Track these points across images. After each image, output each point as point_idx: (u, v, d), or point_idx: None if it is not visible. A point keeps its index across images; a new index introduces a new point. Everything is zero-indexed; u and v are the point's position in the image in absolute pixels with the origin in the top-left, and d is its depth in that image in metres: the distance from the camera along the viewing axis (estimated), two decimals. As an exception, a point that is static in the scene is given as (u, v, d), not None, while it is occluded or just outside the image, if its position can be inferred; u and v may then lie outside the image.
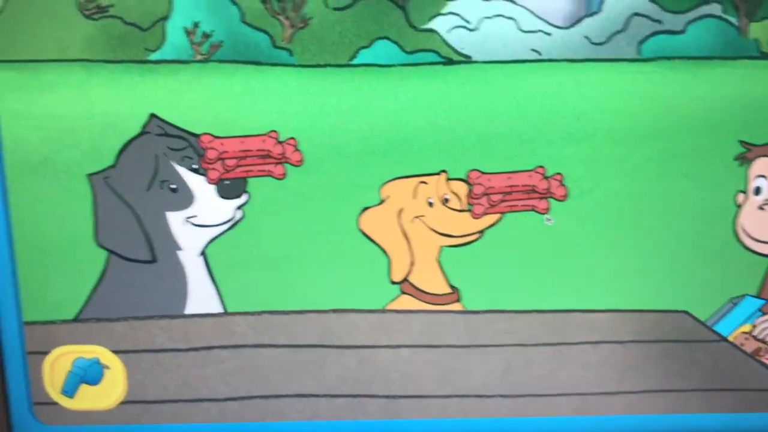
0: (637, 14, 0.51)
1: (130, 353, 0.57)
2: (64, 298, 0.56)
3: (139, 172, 0.53)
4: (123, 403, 0.58)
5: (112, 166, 0.53)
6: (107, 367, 0.57)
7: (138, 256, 0.55)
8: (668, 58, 0.52)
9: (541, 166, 0.54)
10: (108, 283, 0.55)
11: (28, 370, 0.57)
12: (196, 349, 0.57)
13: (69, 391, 0.57)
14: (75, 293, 0.55)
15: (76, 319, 0.56)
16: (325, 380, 0.57)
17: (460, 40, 0.52)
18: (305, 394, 0.58)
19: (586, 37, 0.52)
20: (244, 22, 0.51)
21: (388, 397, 0.58)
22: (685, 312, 0.57)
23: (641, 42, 0.52)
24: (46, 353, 0.57)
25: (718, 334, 0.57)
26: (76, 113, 0.52)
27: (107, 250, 0.55)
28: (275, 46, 0.52)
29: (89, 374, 0.57)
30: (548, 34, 0.52)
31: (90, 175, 0.53)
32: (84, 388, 0.57)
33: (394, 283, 0.56)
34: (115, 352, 0.57)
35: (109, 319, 0.56)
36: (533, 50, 0.52)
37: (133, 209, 0.54)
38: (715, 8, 0.51)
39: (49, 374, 0.57)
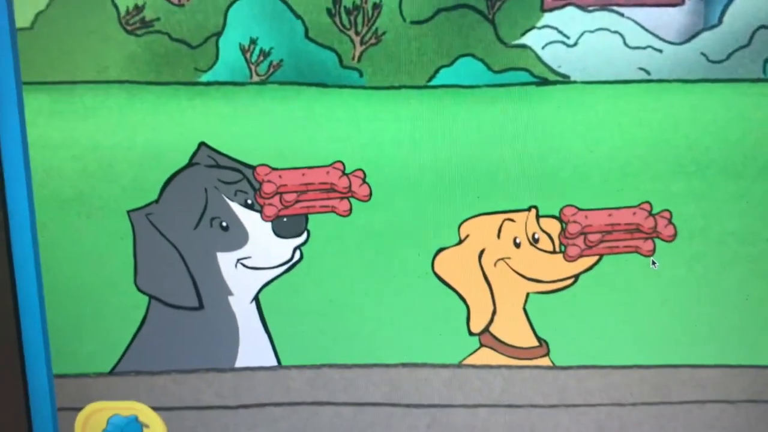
0: (763, 27, 0.44)
1: (173, 410, 0.50)
2: (99, 348, 0.49)
3: (186, 208, 0.47)
4: (163, 464, 0.51)
5: (156, 202, 0.47)
6: (146, 426, 0.50)
7: (183, 302, 0.48)
8: (800, 79, 0.45)
9: (646, 202, 0.47)
10: (149, 333, 0.49)
11: (58, 428, 0.50)
12: (246, 407, 0.50)
13: (104, 451, 0.51)
14: (111, 343, 0.49)
15: (112, 372, 0.50)
16: (391, 442, 0.51)
17: (556, 58, 0.45)
18: (369, 458, 0.51)
19: (703, 54, 0.45)
20: (309, 39, 0.45)
21: (462, 461, 0.51)
22: (807, 368, 0.49)
23: None
24: (78, 410, 0.50)
25: None
26: (115, 142, 0.46)
27: (148, 295, 0.48)
28: (343, 66, 0.45)
29: (126, 433, 0.50)
30: (659, 50, 0.45)
31: (130, 212, 0.47)
32: (120, 449, 0.51)
33: (472, 334, 0.49)
34: (156, 409, 0.50)
35: (149, 373, 0.50)
36: (641, 69, 0.45)
37: (179, 250, 0.47)
38: None
39: (82, 433, 0.51)
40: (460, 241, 0.47)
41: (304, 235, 0.47)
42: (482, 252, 0.48)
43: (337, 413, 0.50)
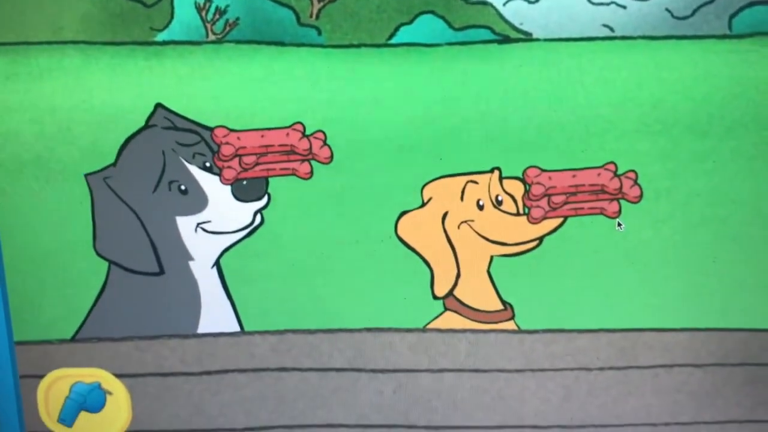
0: (729, -18, 0.43)
1: (136, 377, 0.50)
2: (60, 315, 0.49)
3: (144, 171, 0.46)
4: (128, 432, 0.51)
5: (113, 165, 0.46)
6: (110, 393, 0.50)
7: (143, 267, 0.48)
8: (766, 34, 0.44)
9: (611, 163, 0.46)
10: (110, 298, 0.48)
11: (20, 396, 0.50)
12: (210, 373, 0.50)
13: (67, 419, 0.50)
14: (73, 310, 0.49)
15: (74, 339, 0.49)
16: (357, 408, 0.50)
17: (518, 14, 0.44)
18: (334, 424, 0.50)
19: (668, 10, 0.44)
20: (265, -4, 0.44)
21: (429, 428, 0.50)
22: (776, 331, 0.49)
23: (733, 15, 0.44)
24: (41, 377, 0.50)
25: (815, 357, 0.49)
26: (72, 104, 0.45)
27: (108, 260, 0.48)
28: (301, 24, 0.44)
29: (89, 401, 0.50)
30: (623, 6, 0.44)
31: (88, 175, 0.46)
32: (84, 416, 0.50)
33: (437, 298, 0.48)
34: (119, 375, 0.50)
35: (111, 339, 0.49)
36: (605, 26, 0.44)
37: (138, 214, 0.47)
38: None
39: (45, 400, 0.50)
40: (423, 204, 0.47)
41: (265, 199, 0.47)
42: (445, 215, 0.47)
43: (303, 379, 0.50)
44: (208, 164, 0.46)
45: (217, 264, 0.48)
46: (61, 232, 0.47)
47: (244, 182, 0.46)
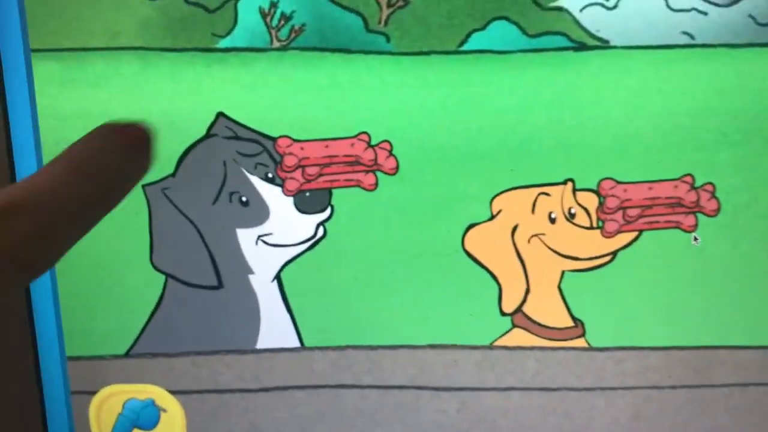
0: (817, -13, 0.42)
1: (191, 394, 0.48)
2: (114, 329, 0.47)
3: (204, 182, 0.45)
4: (181, 449, 0.49)
5: (172, 175, 0.45)
6: (164, 410, 0.49)
7: (202, 281, 0.46)
8: None
9: (689, 175, 0.44)
10: (166, 313, 0.47)
11: (72, 413, 0.49)
12: (267, 390, 0.48)
13: (119, 436, 0.49)
14: (127, 324, 0.47)
15: (127, 354, 0.48)
16: (418, 427, 0.48)
17: (595, 21, 0.42)
18: (394, 443, 0.49)
19: (751, 17, 0.42)
20: (332, 1, 0.42)
21: (492, 447, 0.49)
22: None
23: (821, 21, 0.42)
24: (92, 393, 0.48)
25: None
26: (129, 112, 0.44)
27: (165, 273, 0.46)
28: (369, 30, 0.43)
29: (143, 418, 0.48)
30: (704, 13, 0.42)
31: (146, 186, 0.45)
32: (137, 434, 0.49)
33: (504, 314, 0.47)
34: (173, 392, 0.48)
35: (166, 355, 0.48)
36: (685, 33, 0.42)
37: (197, 226, 0.45)
38: None
39: (97, 417, 0.49)
40: (492, 217, 0.45)
41: (328, 211, 0.45)
42: (515, 228, 0.45)
43: (362, 396, 0.48)
44: (270, 175, 0.45)
45: (277, 277, 0.46)
46: (116, 244, 0.46)
47: (307, 194, 0.45)
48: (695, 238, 0.45)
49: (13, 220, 0.14)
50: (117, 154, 0.16)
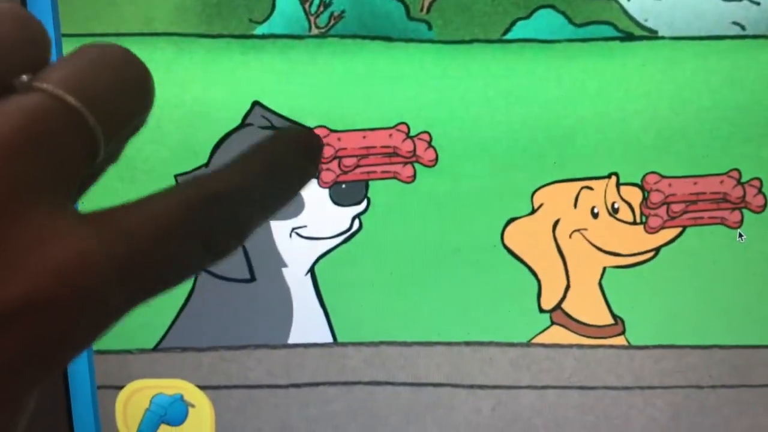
0: None
1: (220, 389, 0.47)
2: (142, 323, 0.46)
3: (238, 172, 0.44)
4: (208, 446, 0.48)
5: (205, 166, 0.44)
6: (192, 405, 0.47)
7: (233, 274, 0.45)
8: None
9: (735, 170, 0.43)
10: (196, 307, 0.46)
11: (98, 407, 0.48)
12: (298, 386, 0.47)
13: (146, 431, 0.48)
14: (156, 318, 0.46)
15: (156, 349, 0.46)
16: (452, 426, 0.47)
17: (643, 10, 0.41)
18: (427, 441, 0.48)
19: (804, 7, 0.41)
20: (374, -13, 0.41)
21: (527, 446, 0.48)
22: None
23: None
24: (120, 388, 0.47)
25: None
26: (162, 100, 0.42)
27: (196, 266, 0.45)
28: (410, 17, 0.41)
29: (171, 413, 0.47)
30: (756, 3, 0.41)
31: (178, 176, 0.44)
32: (164, 429, 0.48)
33: (543, 311, 0.45)
34: (202, 387, 0.47)
35: (195, 349, 0.47)
36: (735, 23, 0.41)
37: (230, 218, 0.44)
38: None
39: (123, 412, 0.48)
40: (533, 211, 0.44)
41: (364, 203, 0.44)
42: (557, 222, 0.44)
43: (395, 393, 0.47)
44: (306, 166, 0.43)
45: (311, 271, 0.45)
46: (146, 236, 0.45)
47: (343, 186, 0.44)
48: (740, 235, 0.44)
49: (215, 208, 0.15)
50: (299, 158, 0.18)
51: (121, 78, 0.16)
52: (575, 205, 0.44)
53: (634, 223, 0.44)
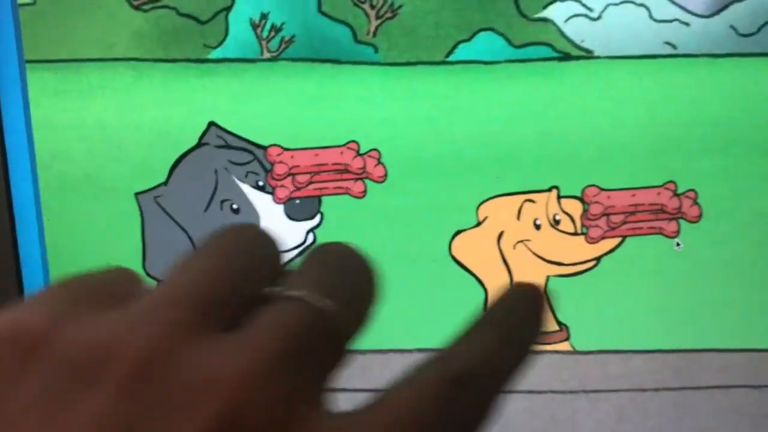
0: (796, -2, 0.43)
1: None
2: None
3: (196, 190, 0.46)
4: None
5: (164, 184, 0.45)
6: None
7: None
8: (834, 52, 0.43)
9: (671, 182, 0.45)
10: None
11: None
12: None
13: None
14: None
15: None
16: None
17: (579, 32, 0.43)
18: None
19: (733, 27, 0.43)
20: (321, 13, 0.43)
21: (480, 448, 0.50)
22: (835, 352, 0.48)
23: (800, 32, 0.43)
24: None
25: None
26: (122, 122, 0.45)
27: (158, 280, 0.47)
28: (358, 41, 0.43)
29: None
30: (686, 23, 0.43)
31: (138, 194, 0.46)
32: None
33: (491, 318, 0.47)
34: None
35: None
36: (667, 43, 0.43)
37: (188, 233, 0.46)
38: None
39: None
40: (479, 224, 0.46)
41: (317, 218, 0.46)
42: (501, 234, 0.46)
43: (352, 400, 0.49)
44: (261, 183, 0.45)
45: (268, 284, 0.47)
46: (109, 251, 0.47)
47: (297, 201, 0.46)
48: (678, 244, 0.46)
49: (467, 388, 0.16)
50: (534, 328, 0.18)
51: (360, 274, 0.17)
52: (518, 218, 0.46)
53: (576, 234, 0.46)
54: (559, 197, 0.45)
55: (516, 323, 0.17)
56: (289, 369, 0.14)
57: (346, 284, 0.16)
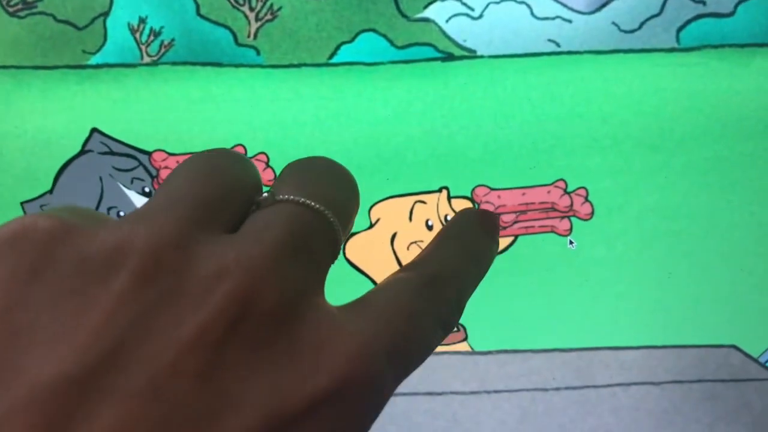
0: (675, -6, 0.43)
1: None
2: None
3: (82, 197, 0.45)
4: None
5: (49, 192, 0.45)
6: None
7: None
8: (714, 47, 0.43)
9: (561, 180, 0.45)
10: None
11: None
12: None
13: None
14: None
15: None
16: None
17: (461, 31, 0.43)
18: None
19: (614, 24, 0.43)
20: (201, 16, 0.43)
21: (384, 451, 0.49)
22: (733, 346, 0.48)
23: (680, 28, 0.43)
24: None
25: (773, 372, 0.48)
26: (3, 130, 0.44)
27: (48, 289, 0.46)
28: (239, 44, 0.43)
29: None
30: (568, 21, 0.43)
31: (24, 203, 0.45)
32: None
33: (388, 320, 0.47)
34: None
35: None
36: (550, 41, 0.43)
37: (77, 241, 0.45)
38: (770, -15, 0.42)
39: None
40: (371, 225, 0.46)
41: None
42: (394, 235, 0.46)
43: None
44: (147, 189, 0.45)
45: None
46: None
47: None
48: (571, 242, 0.46)
49: (438, 288, 0.18)
50: (486, 238, 0.20)
51: (340, 181, 0.18)
52: (410, 219, 0.46)
53: (467, 234, 0.46)
54: (449, 197, 0.45)
55: (474, 234, 0.20)
56: (293, 258, 0.15)
57: (331, 189, 0.17)
